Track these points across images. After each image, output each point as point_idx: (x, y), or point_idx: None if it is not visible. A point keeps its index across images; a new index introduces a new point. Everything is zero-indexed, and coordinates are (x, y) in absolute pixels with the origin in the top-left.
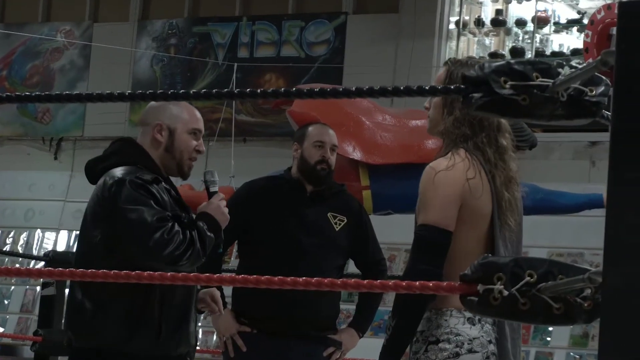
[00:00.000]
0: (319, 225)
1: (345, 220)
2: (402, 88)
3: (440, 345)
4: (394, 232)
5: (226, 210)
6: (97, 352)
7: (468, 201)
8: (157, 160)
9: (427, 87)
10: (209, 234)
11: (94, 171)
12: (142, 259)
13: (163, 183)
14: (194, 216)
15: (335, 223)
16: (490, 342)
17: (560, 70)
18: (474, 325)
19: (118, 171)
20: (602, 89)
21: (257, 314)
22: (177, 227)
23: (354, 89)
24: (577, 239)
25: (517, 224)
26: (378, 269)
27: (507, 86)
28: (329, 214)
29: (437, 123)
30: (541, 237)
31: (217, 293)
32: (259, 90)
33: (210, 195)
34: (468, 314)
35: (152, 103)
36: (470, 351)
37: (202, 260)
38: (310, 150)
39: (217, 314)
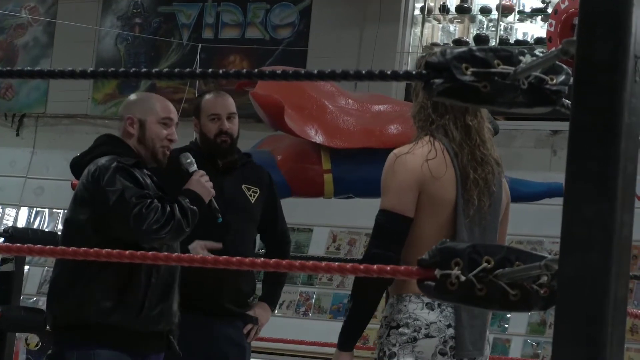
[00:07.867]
0: (236, 198)
1: (259, 192)
2: (364, 72)
3: (400, 330)
4: (355, 216)
5: (209, 184)
6: (81, 327)
7: (428, 185)
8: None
9: (389, 72)
10: (191, 206)
11: (79, 165)
12: (125, 236)
13: (145, 170)
14: None
15: (250, 195)
16: (449, 326)
17: (521, 58)
18: (432, 310)
19: (102, 159)
20: (562, 77)
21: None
22: (156, 203)
23: (316, 71)
24: (537, 227)
25: (490, 207)
26: (285, 241)
27: (469, 73)
28: (243, 186)
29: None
30: None
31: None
32: (220, 71)
33: (190, 175)
34: (427, 299)
35: (128, 98)
36: (427, 336)
37: (187, 232)
38: (207, 124)
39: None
